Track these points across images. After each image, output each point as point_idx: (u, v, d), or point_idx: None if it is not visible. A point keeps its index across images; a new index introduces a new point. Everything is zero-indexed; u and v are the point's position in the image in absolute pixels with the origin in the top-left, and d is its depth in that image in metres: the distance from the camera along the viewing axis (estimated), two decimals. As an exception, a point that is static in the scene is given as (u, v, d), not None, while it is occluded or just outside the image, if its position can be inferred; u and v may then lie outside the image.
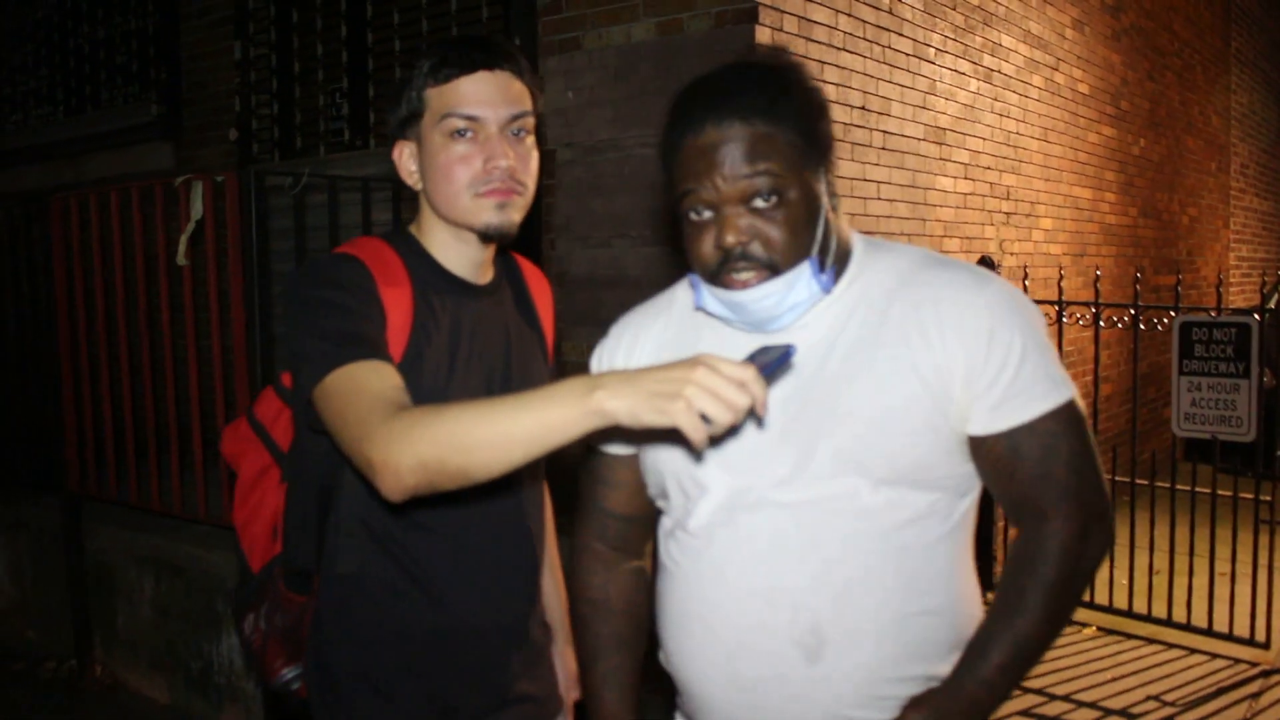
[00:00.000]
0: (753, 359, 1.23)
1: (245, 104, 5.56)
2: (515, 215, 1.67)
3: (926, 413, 1.43)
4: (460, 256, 1.72)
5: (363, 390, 1.40)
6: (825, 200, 1.48)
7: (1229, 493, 4.52)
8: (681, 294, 1.69)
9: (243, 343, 3.76)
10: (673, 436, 1.27)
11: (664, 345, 1.65)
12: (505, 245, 1.75)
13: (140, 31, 6.28)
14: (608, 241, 4.05)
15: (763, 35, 3.70)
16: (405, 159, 1.70)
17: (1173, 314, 4.58)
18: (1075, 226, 6.52)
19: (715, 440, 1.46)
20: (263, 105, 5.50)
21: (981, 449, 1.46)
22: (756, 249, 1.42)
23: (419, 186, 1.70)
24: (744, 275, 1.43)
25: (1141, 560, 4.99)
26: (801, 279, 1.44)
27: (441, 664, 1.71)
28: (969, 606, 1.51)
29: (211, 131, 5.78)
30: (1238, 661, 4.26)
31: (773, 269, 1.43)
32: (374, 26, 5.04)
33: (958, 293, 1.46)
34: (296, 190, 3.56)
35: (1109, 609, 4.74)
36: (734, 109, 1.42)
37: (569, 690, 1.99)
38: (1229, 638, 4.40)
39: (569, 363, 4.14)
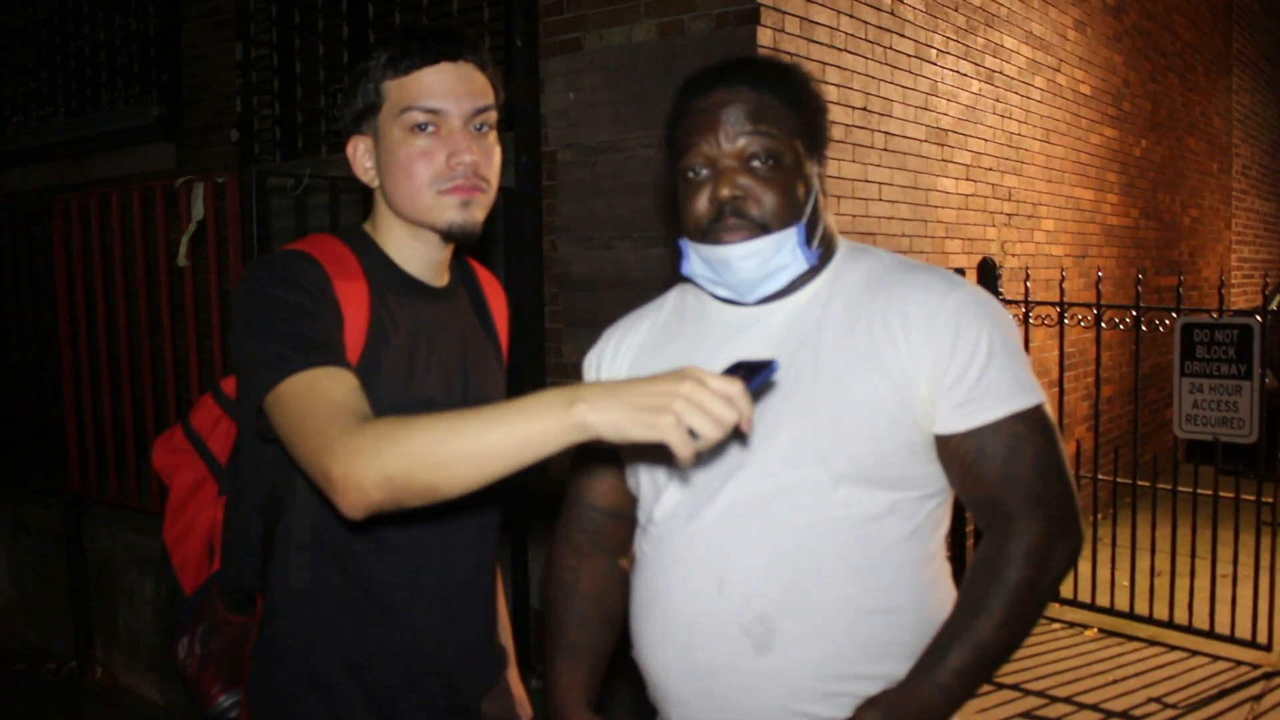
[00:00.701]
0: (734, 372, 1.21)
1: (247, 105, 5.56)
2: (479, 214, 1.59)
3: (891, 410, 1.45)
4: (418, 257, 1.64)
5: (322, 400, 1.32)
6: (817, 184, 1.54)
7: (1231, 494, 4.51)
8: (671, 298, 1.72)
9: (243, 344, 3.75)
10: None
11: (644, 346, 1.68)
12: (470, 245, 1.66)
13: (141, 33, 6.28)
14: (609, 243, 4.04)
15: (764, 36, 3.70)
16: (360, 155, 1.62)
17: (1174, 315, 4.57)
18: (1077, 228, 6.52)
19: (699, 457, 1.44)
20: (264, 106, 5.50)
21: (948, 449, 1.47)
22: (750, 207, 1.47)
23: (375, 183, 1.62)
24: (734, 230, 1.47)
25: (1143, 562, 4.98)
26: (789, 243, 1.48)
27: (400, 684, 1.62)
28: (935, 610, 1.50)
29: (213, 132, 5.79)
30: (1239, 664, 4.25)
31: (763, 228, 1.47)
32: (375, 27, 5.04)
33: (924, 294, 1.48)
34: (298, 191, 3.55)
35: (1110, 611, 4.74)
36: (744, 76, 1.50)
37: (521, 712, 1.91)
38: (1230, 640, 4.39)
39: (569, 364, 4.14)
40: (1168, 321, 4.68)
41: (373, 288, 1.57)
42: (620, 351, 1.71)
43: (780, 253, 1.48)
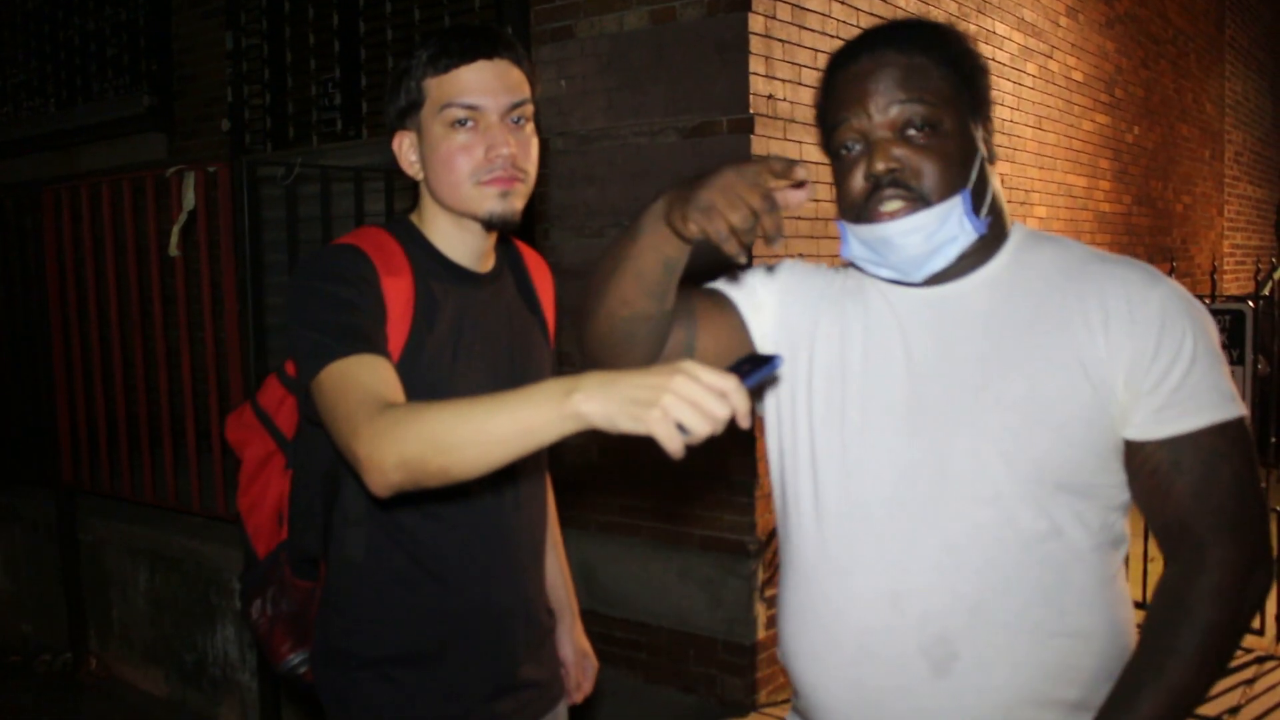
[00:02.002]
0: (736, 369, 1.19)
1: (237, 94, 5.54)
2: (518, 203, 1.67)
3: (1086, 409, 1.33)
4: (462, 245, 1.72)
5: (354, 386, 1.42)
6: (981, 149, 1.41)
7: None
8: (839, 277, 1.58)
9: (236, 334, 3.74)
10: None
11: (832, 302, 1.53)
12: (511, 232, 1.75)
13: (131, 23, 6.25)
14: (601, 231, 4.03)
15: (756, 23, 3.69)
16: (406, 149, 1.70)
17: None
18: (1069, 214, 6.51)
19: (819, 478, 1.42)
20: (255, 95, 5.49)
21: (1138, 457, 1.35)
22: (909, 179, 1.35)
23: (420, 176, 1.71)
24: (892, 205, 1.35)
25: (1136, 548, 4.96)
26: (954, 214, 1.35)
27: (449, 649, 1.72)
28: (1120, 635, 1.39)
29: (204, 122, 5.77)
30: (1232, 648, 4.26)
31: (924, 200, 1.35)
32: (366, 16, 5.02)
33: (1128, 287, 1.35)
34: (289, 181, 3.54)
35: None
36: (890, 40, 1.39)
37: (575, 676, 2.03)
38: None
39: (561, 352, 4.13)
40: (1160, 307, 4.67)
41: (418, 276, 1.66)
42: (818, 303, 1.54)
43: (946, 225, 1.35)
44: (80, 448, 4.63)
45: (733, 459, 3.80)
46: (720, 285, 1.57)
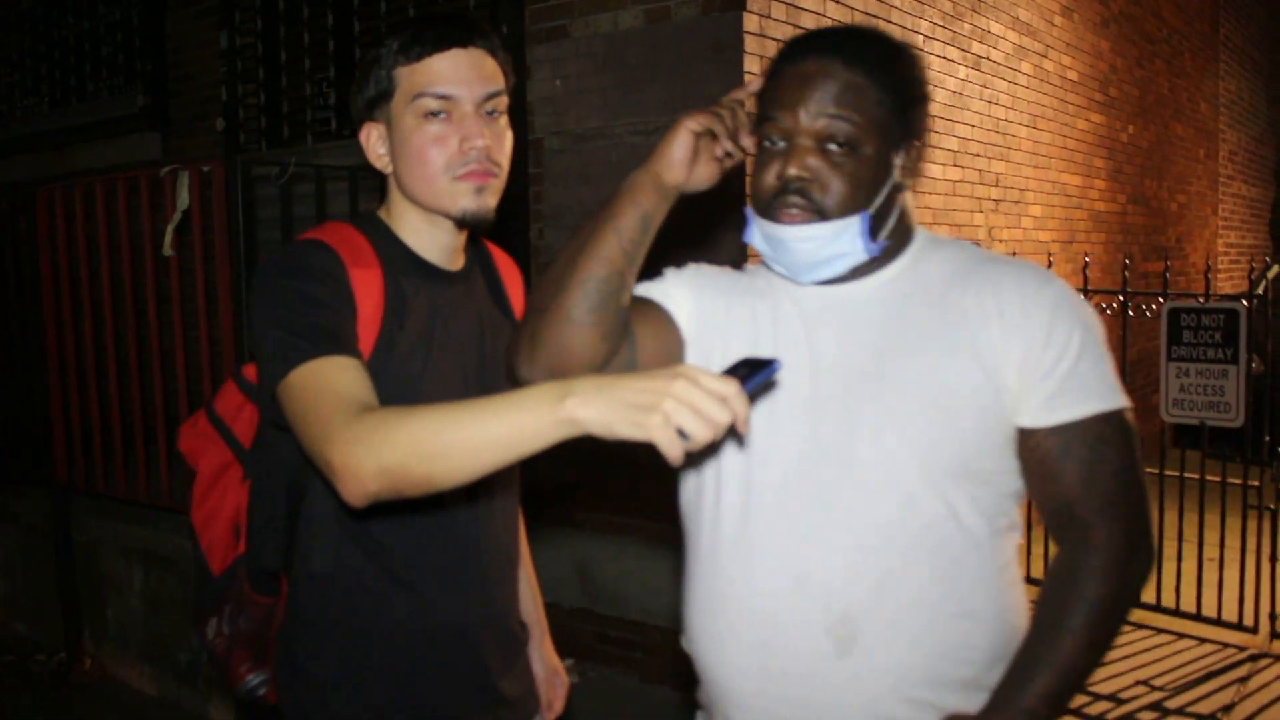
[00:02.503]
0: (734, 372, 1.18)
1: (232, 94, 5.52)
2: (492, 200, 1.61)
3: (981, 396, 1.41)
4: (432, 242, 1.66)
5: (327, 388, 1.35)
6: (896, 175, 1.47)
7: (1217, 478, 4.52)
8: (746, 274, 1.65)
9: (230, 333, 3.74)
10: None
11: (741, 296, 1.59)
12: (484, 230, 1.69)
13: (125, 22, 6.24)
14: (596, 230, 4.03)
15: (750, 22, 3.69)
16: (374, 141, 1.63)
17: (1161, 300, 4.58)
18: (1064, 213, 6.52)
19: (693, 456, 1.42)
20: (249, 95, 5.47)
21: (1029, 444, 1.43)
22: (814, 190, 1.41)
23: (389, 170, 1.64)
24: (793, 211, 1.42)
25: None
26: (848, 232, 1.42)
27: (422, 664, 1.65)
28: (1012, 615, 1.46)
29: (199, 122, 5.75)
30: (1226, 646, 4.27)
31: (822, 214, 1.41)
32: (361, 15, 5.01)
33: (1021, 283, 1.44)
34: (283, 180, 3.54)
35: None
36: (840, 49, 1.43)
37: (546, 694, 1.96)
38: (1217, 622, 4.41)
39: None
40: (1154, 306, 4.68)
41: (387, 273, 1.59)
42: (729, 300, 1.59)
43: (838, 240, 1.42)
44: (75, 447, 4.63)
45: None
46: (641, 291, 1.60)
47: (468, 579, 1.69)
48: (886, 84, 1.43)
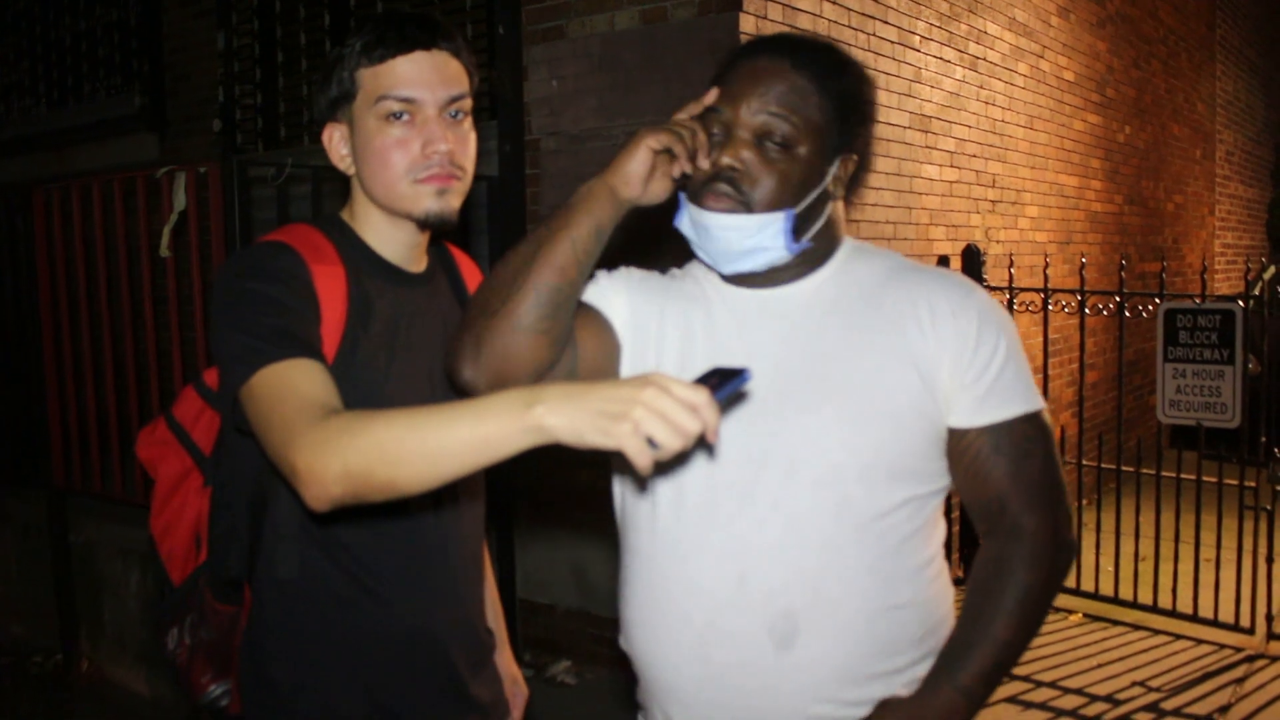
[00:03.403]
0: (705, 380, 1.17)
1: (229, 94, 5.50)
2: (455, 201, 1.60)
3: (915, 397, 1.46)
4: (395, 243, 1.65)
5: (291, 392, 1.33)
6: (828, 184, 1.51)
7: (1214, 479, 4.52)
8: (677, 275, 1.69)
9: (226, 335, 3.72)
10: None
11: (674, 301, 1.61)
12: (447, 232, 1.67)
13: (122, 23, 6.23)
14: (593, 231, 4.02)
15: (747, 23, 3.68)
16: (336, 142, 1.63)
17: (1158, 301, 4.58)
18: (1061, 214, 6.52)
19: (663, 466, 1.44)
20: (246, 96, 5.47)
21: (960, 444, 1.49)
22: (744, 182, 1.46)
23: (351, 171, 1.63)
24: (720, 199, 1.46)
25: (1127, 547, 4.99)
26: (770, 227, 1.46)
27: (392, 670, 1.63)
28: (938, 605, 1.53)
29: (196, 123, 5.75)
30: (1223, 647, 4.27)
31: (746, 206, 1.46)
32: (357, 16, 5.01)
33: (950, 291, 1.50)
34: (280, 181, 3.53)
35: (1095, 596, 4.75)
36: (794, 52, 1.49)
37: (513, 694, 1.94)
38: (1214, 623, 4.41)
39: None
40: (1151, 307, 4.68)
41: (350, 275, 1.57)
42: (661, 303, 1.61)
43: (760, 234, 1.46)
44: (71, 449, 4.62)
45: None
46: None
47: (435, 584, 1.67)
48: (831, 93, 1.48)
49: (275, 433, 1.31)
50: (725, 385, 1.16)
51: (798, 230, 1.48)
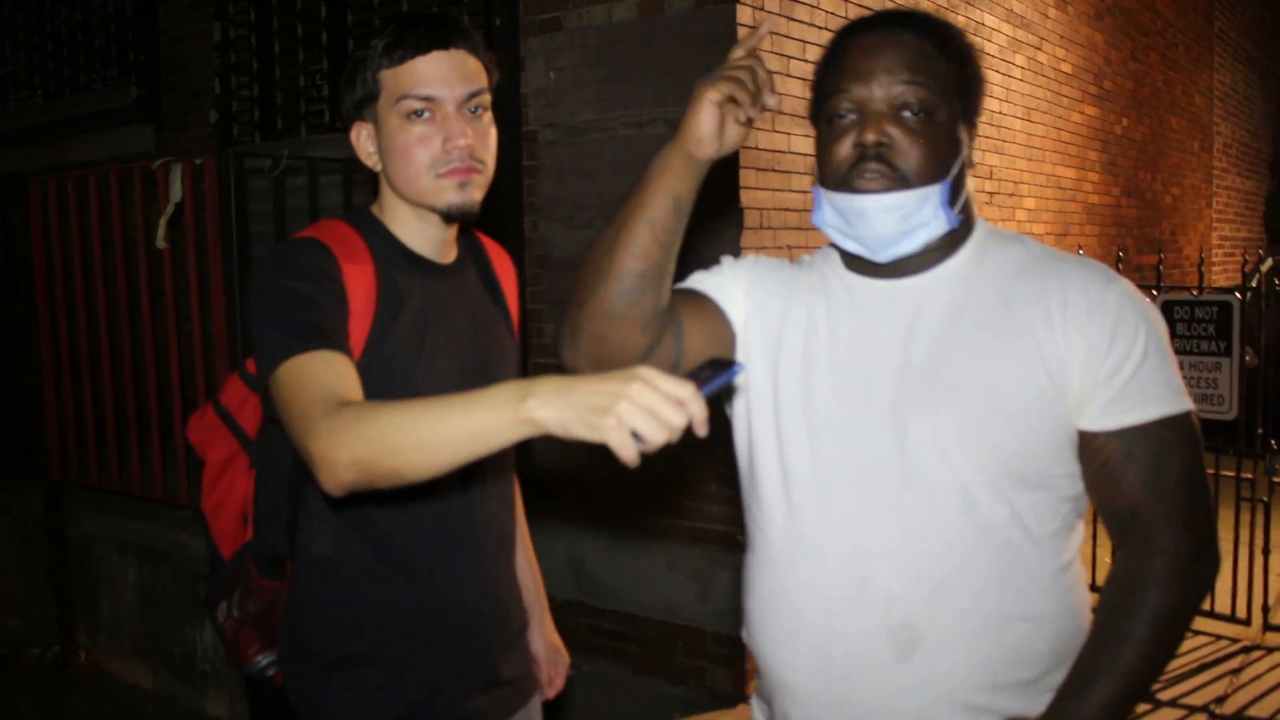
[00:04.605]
0: (698, 373, 1.18)
1: (225, 86, 5.50)
2: (476, 194, 1.66)
3: (1042, 399, 1.38)
4: (423, 236, 1.71)
5: (310, 382, 1.40)
6: (965, 150, 1.46)
7: (1211, 471, 4.52)
8: (805, 270, 1.61)
9: (223, 326, 3.73)
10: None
11: (801, 295, 1.56)
12: (470, 223, 1.74)
13: (118, 14, 6.21)
14: (590, 223, 4.02)
15: (744, 14, 3.67)
16: (363, 141, 1.70)
17: (1155, 293, 4.58)
18: (1058, 206, 6.52)
19: (783, 461, 1.44)
20: (243, 87, 5.45)
21: (1091, 447, 1.40)
22: (895, 156, 1.38)
23: (378, 168, 1.70)
24: (873, 179, 1.39)
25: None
26: (931, 200, 1.39)
27: (422, 646, 1.70)
28: (1074, 618, 1.44)
29: (192, 114, 5.73)
30: (1219, 638, 4.27)
31: (904, 181, 1.39)
32: (354, 7, 4.99)
33: (1086, 283, 1.41)
34: (276, 173, 3.53)
35: (1092, 587, 4.74)
36: (907, 23, 1.43)
37: (547, 672, 2.02)
38: (1211, 614, 4.41)
39: (550, 344, 4.12)
40: (1149, 299, 4.68)
41: (379, 268, 1.64)
42: (787, 298, 1.56)
43: (921, 210, 1.39)
44: (68, 441, 4.62)
45: (721, 451, 3.80)
46: (694, 283, 1.59)
47: (466, 562, 1.74)
48: (954, 56, 1.44)
49: (296, 421, 1.38)
50: (714, 379, 1.16)
51: (951, 201, 1.42)
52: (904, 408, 1.41)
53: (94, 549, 4.57)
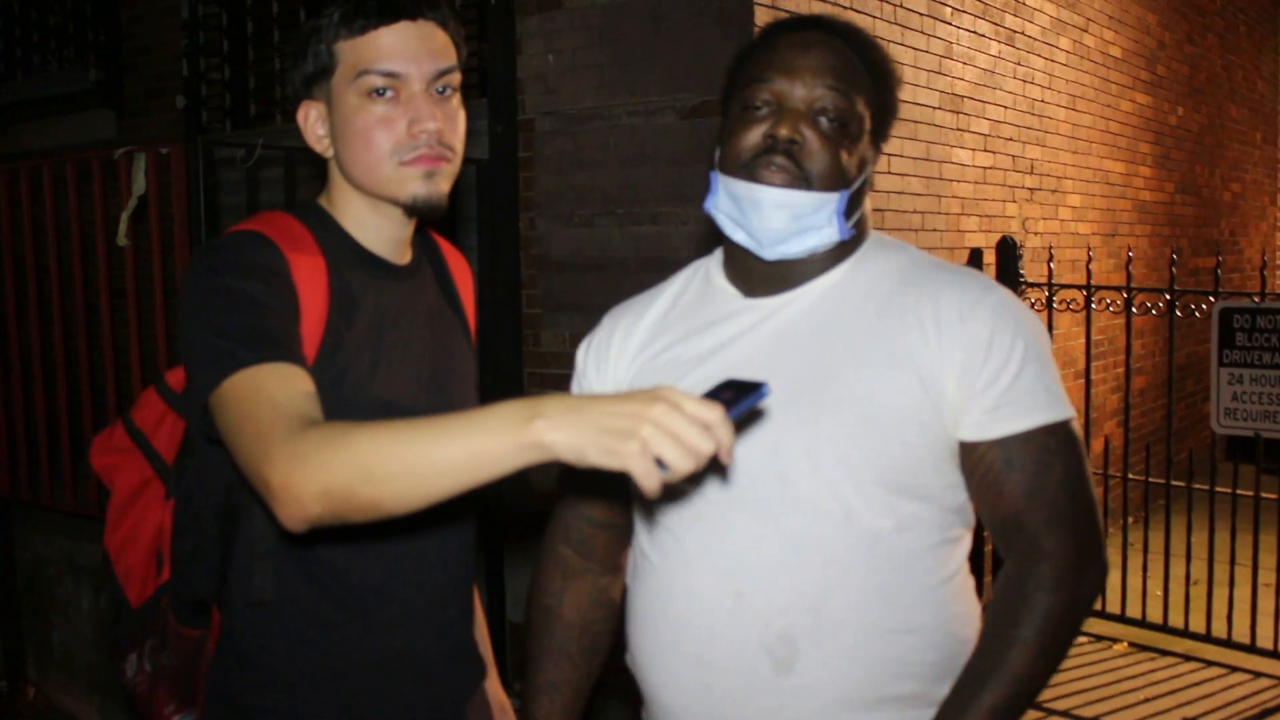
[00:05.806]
0: (718, 394, 1.15)
1: (193, 68, 5.52)
2: (444, 185, 1.59)
3: (920, 411, 1.47)
4: (379, 232, 1.64)
5: (264, 399, 1.31)
6: (869, 169, 1.57)
7: (1274, 495, 4.52)
8: (683, 276, 1.73)
9: (189, 331, 3.73)
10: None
11: (666, 318, 1.68)
12: (435, 220, 1.67)
13: (76, -12, 6.24)
14: (592, 220, 4.03)
15: (762, -8, 3.68)
16: (312, 122, 1.62)
17: (1212, 299, 4.58)
18: (1106, 204, 6.52)
19: (672, 491, 1.49)
20: (213, 69, 5.47)
21: (972, 458, 1.49)
22: (802, 155, 1.48)
23: (329, 153, 1.63)
24: (778, 173, 1.48)
25: (1178, 570, 4.99)
26: (828, 207, 1.50)
27: (378, 696, 1.64)
28: (959, 627, 1.53)
29: (156, 99, 5.75)
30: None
31: (806, 182, 1.48)
32: (335, -18, 5.01)
33: (960, 293, 1.51)
34: (249, 163, 3.54)
35: (1142, 623, 4.75)
36: (845, 32, 1.55)
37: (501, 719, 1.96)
38: (1273, 655, 4.41)
39: (548, 353, 4.13)
40: (1205, 306, 4.69)
41: (331, 268, 1.57)
42: (636, 330, 1.70)
43: (816, 214, 1.49)
44: (18, 455, 4.62)
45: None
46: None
47: (422, 604, 1.68)
48: (879, 77, 1.56)
49: (248, 445, 1.29)
50: (741, 401, 1.14)
51: (848, 214, 1.52)
52: (783, 422, 1.48)
53: (45, 573, 4.58)
